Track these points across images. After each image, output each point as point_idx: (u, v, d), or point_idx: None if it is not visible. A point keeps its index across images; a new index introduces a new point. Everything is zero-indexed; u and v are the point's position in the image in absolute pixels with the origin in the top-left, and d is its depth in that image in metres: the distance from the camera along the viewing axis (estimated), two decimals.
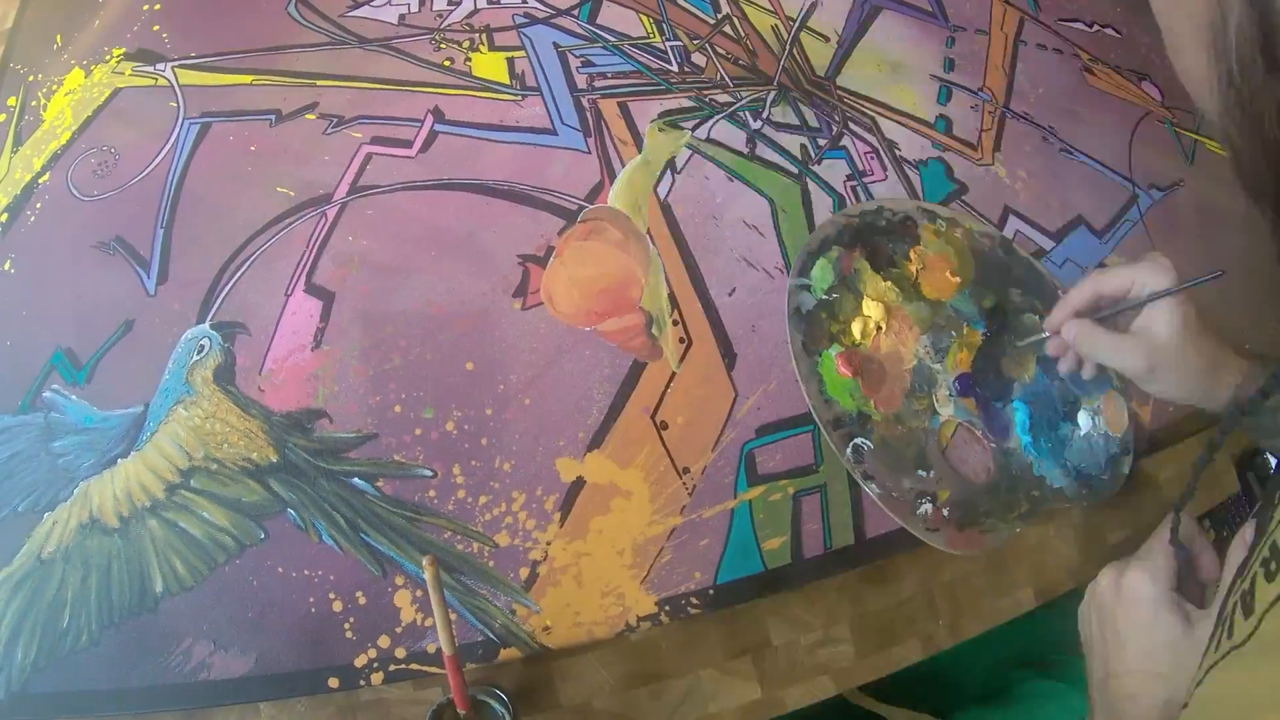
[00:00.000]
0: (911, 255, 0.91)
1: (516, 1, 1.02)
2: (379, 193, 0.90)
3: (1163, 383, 0.77)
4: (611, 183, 0.92)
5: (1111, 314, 0.78)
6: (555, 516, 0.80)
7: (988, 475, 0.86)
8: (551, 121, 0.95)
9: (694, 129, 0.96)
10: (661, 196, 0.92)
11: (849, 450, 0.82)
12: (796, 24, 1.05)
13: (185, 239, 0.87)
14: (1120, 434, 0.88)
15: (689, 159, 0.95)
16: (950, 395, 0.88)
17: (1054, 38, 1.12)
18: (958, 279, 0.91)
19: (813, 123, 0.99)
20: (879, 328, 0.88)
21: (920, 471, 0.84)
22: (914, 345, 0.88)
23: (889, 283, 0.89)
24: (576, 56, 0.99)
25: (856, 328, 0.87)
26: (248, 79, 0.95)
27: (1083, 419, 0.89)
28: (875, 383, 0.86)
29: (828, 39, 1.06)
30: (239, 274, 0.86)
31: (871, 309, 0.88)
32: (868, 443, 0.83)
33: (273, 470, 0.80)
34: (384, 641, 0.75)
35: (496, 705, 0.73)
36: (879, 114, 1.03)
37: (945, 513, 0.83)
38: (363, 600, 0.76)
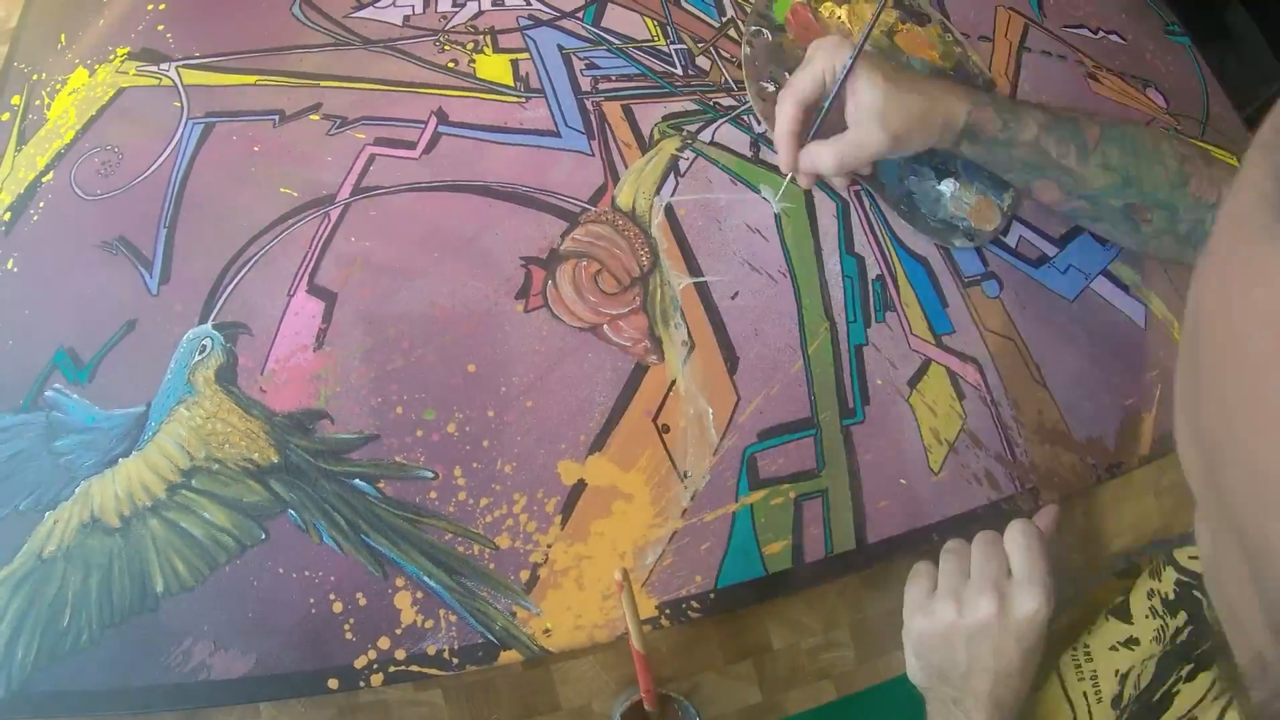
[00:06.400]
0: (904, 24, 1.06)
1: (521, 4, 1.02)
2: (382, 194, 0.90)
3: (910, 140, 0.83)
4: (615, 185, 0.92)
5: (822, 118, 0.86)
6: (556, 519, 0.80)
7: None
8: (555, 124, 0.95)
9: (698, 132, 0.96)
10: (665, 200, 0.92)
11: (750, 30, 1.00)
12: None
13: (188, 239, 0.87)
14: (986, 228, 0.97)
15: (693, 162, 0.95)
16: None
17: (1058, 44, 1.12)
18: (933, 57, 1.06)
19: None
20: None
21: (786, 72, 0.96)
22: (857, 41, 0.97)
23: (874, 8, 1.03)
24: (581, 59, 0.99)
25: (824, 10, 1.04)
26: (252, 79, 0.95)
27: (945, 185, 0.98)
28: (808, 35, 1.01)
29: None
30: (241, 274, 0.86)
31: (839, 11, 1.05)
32: (767, 34, 0.99)
33: (274, 471, 0.80)
34: (384, 643, 0.75)
35: (679, 698, 0.76)
36: None
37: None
38: (363, 601, 0.76)
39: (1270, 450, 0.25)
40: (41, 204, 0.89)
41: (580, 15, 1.02)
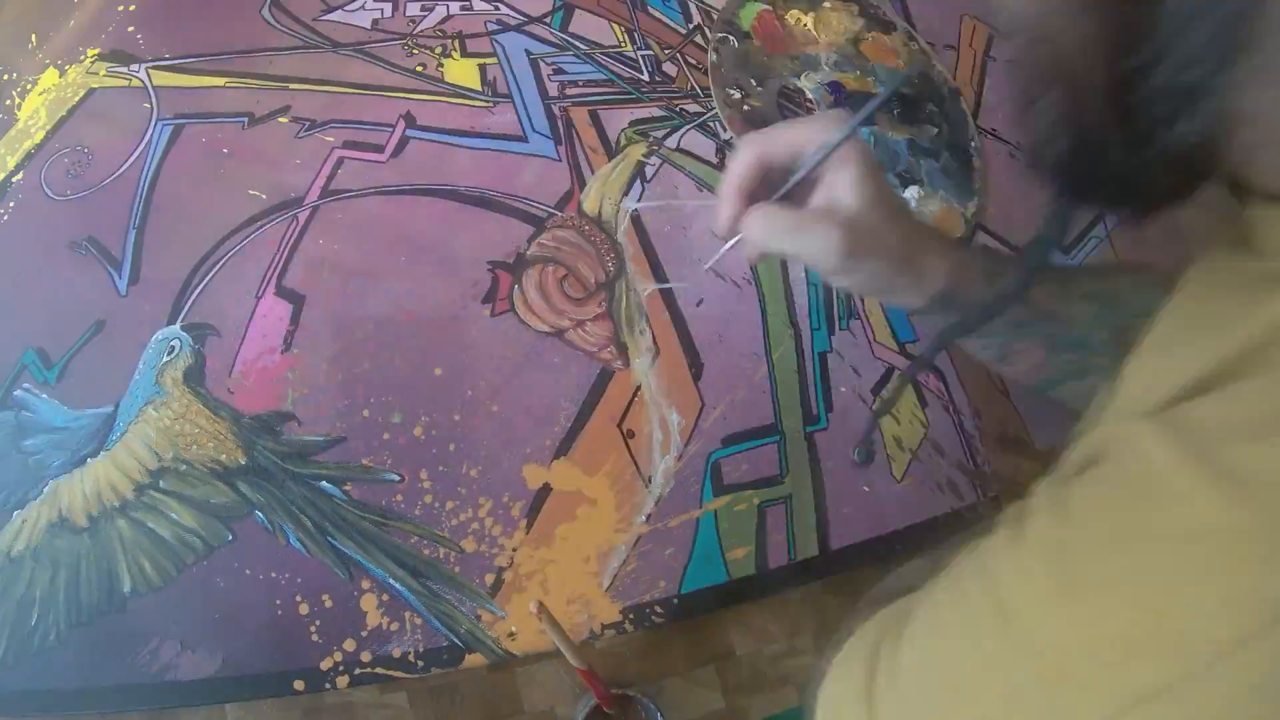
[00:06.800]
0: (869, 32, 1.09)
1: (489, 8, 1.02)
2: (350, 197, 0.90)
3: (858, 271, 0.62)
4: (582, 190, 0.93)
5: (787, 189, 0.62)
6: (521, 523, 0.81)
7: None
8: (522, 128, 0.95)
9: (664, 138, 0.97)
10: (631, 205, 0.93)
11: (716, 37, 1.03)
12: None
13: (157, 240, 0.88)
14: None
15: (659, 168, 0.95)
16: (819, 86, 1.02)
17: None
18: (899, 65, 1.09)
19: None
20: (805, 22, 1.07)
21: (752, 79, 1.01)
22: (822, 50, 0.99)
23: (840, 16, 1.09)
24: (548, 64, 1.00)
25: (791, 17, 1.07)
26: (221, 81, 0.95)
27: (909, 193, 1.00)
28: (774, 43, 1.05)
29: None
30: (210, 276, 0.87)
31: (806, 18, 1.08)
32: (734, 40, 1.02)
33: (241, 472, 0.80)
34: (349, 645, 0.76)
35: (640, 697, 0.77)
36: None
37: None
38: (329, 603, 0.77)
39: None
40: (11, 204, 0.89)
41: (548, 20, 1.02)
